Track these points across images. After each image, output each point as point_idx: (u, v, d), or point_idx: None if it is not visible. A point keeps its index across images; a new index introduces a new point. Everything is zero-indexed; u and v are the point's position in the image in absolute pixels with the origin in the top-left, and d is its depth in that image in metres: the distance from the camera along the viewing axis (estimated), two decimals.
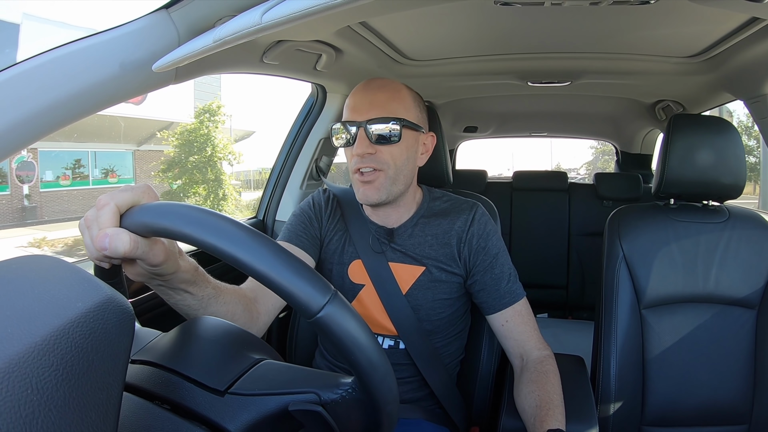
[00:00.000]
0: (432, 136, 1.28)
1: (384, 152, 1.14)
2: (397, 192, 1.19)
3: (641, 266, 1.44)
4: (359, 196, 1.19)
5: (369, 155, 1.13)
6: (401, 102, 1.17)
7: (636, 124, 3.16)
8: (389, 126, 1.13)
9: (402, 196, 1.23)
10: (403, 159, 1.17)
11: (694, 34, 1.48)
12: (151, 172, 16.83)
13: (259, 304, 1.04)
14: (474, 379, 1.36)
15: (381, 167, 1.14)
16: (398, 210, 1.26)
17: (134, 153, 17.45)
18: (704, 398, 1.40)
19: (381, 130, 1.13)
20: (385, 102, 1.15)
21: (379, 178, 1.15)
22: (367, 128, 1.13)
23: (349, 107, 1.18)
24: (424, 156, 1.25)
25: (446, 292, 1.22)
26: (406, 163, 1.18)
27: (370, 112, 1.13)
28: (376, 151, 1.14)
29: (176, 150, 14.83)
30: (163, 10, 0.95)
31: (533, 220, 3.25)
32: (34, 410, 0.35)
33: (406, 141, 1.16)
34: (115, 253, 0.58)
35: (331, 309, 0.50)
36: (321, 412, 0.55)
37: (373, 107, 1.14)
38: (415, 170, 1.24)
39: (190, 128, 14.81)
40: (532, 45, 1.68)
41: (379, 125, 1.13)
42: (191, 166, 14.70)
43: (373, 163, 1.14)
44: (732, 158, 1.39)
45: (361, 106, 1.15)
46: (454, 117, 3.23)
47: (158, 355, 0.62)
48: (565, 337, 2.68)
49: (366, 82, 1.20)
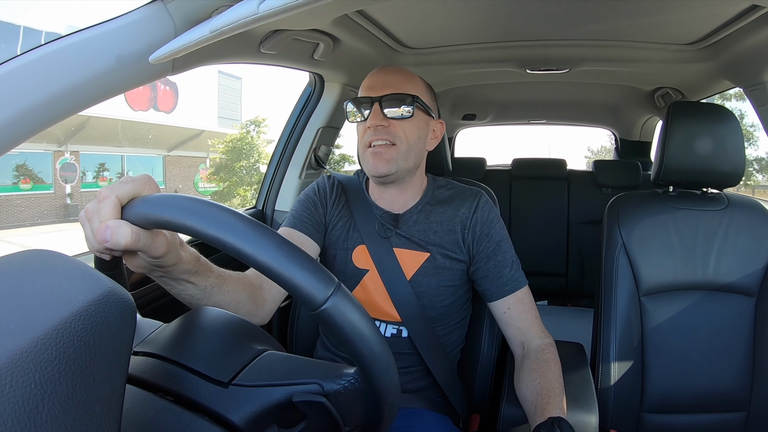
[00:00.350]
0: (441, 124, 1.29)
1: (397, 126, 1.16)
2: (406, 168, 1.20)
3: (640, 254, 1.44)
4: (369, 168, 1.19)
5: (382, 127, 1.15)
6: (415, 85, 1.20)
7: (635, 111, 3.15)
8: (403, 103, 1.16)
9: (410, 177, 1.24)
10: (415, 137, 1.19)
11: (694, 21, 1.47)
12: (180, 175, 19.23)
13: (264, 291, 1.05)
14: (474, 367, 1.37)
15: (393, 140, 1.16)
16: (404, 193, 1.26)
17: (165, 158, 19.04)
18: (703, 385, 1.41)
19: (395, 105, 1.16)
20: (399, 82, 1.18)
21: (390, 151, 1.16)
22: (381, 103, 1.15)
23: (364, 87, 1.21)
24: (433, 141, 1.27)
25: (450, 278, 1.23)
26: (417, 142, 1.20)
27: (385, 89, 1.17)
28: (390, 124, 1.16)
29: (225, 156, 16.73)
30: (160, 1, 0.95)
31: (532, 208, 3.24)
32: (38, 404, 0.35)
33: (417, 121, 1.19)
34: (117, 245, 0.58)
35: (335, 301, 0.50)
36: (324, 403, 0.55)
37: (387, 86, 1.17)
38: (424, 153, 1.26)
39: (237, 138, 16.45)
40: (531, 32, 1.67)
41: (393, 101, 1.16)
42: (238, 169, 16.43)
43: (386, 135, 1.16)
44: (731, 146, 1.38)
45: (377, 84, 1.19)
46: (452, 105, 3.22)
47: (160, 346, 0.62)
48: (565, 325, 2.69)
49: (381, 67, 1.24)
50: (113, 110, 14.65)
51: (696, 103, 1.51)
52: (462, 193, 1.28)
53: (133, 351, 0.57)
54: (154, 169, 18.43)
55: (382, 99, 1.15)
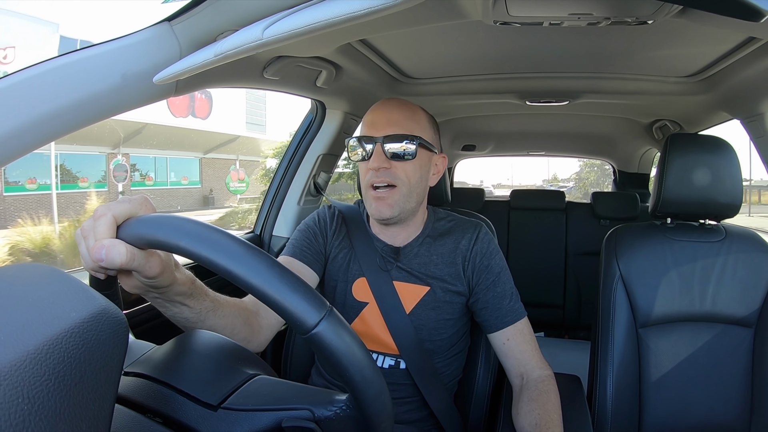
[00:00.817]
0: (444, 158, 1.30)
1: (399, 168, 1.16)
2: (409, 209, 1.20)
3: (638, 285, 1.44)
4: (372, 212, 1.19)
5: (384, 170, 1.15)
6: (418, 122, 1.19)
7: (633, 143, 3.18)
8: (405, 143, 1.15)
9: (413, 215, 1.24)
10: (417, 177, 1.19)
11: (692, 54, 1.50)
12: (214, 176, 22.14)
13: (261, 317, 1.04)
14: (470, 398, 1.35)
15: (395, 182, 1.16)
16: (407, 229, 1.27)
17: (201, 160, 22.07)
18: (701, 418, 1.39)
19: (397, 146, 1.15)
20: (402, 120, 1.17)
21: (393, 194, 1.16)
22: (383, 144, 1.15)
23: (366, 123, 1.20)
24: (435, 177, 1.27)
25: (449, 312, 1.22)
26: (420, 181, 1.20)
27: (387, 129, 1.16)
28: (392, 166, 1.15)
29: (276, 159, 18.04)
30: (166, 22, 0.96)
31: (530, 239, 3.25)
32: (25, 419, 0.35)
33: (420, 159, 1.18)
34: (111, 264, 0.58)
35: (326, 325, 0.50)
36: (314, 429, 0.54)
37: (390, 124, 1.16)
38: (426, 190, 1.26)
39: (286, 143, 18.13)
40: (531, 64, 1.70)
41: (395, 142, 1.15)
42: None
43: (388, 178, 1.15)
44: (728, 177, 1.39)
45: (379, 122, 1.17)
46: (452, 135, 3.26)
47: (151, 367, 0.61)
48: (562, 357, 2.67)
49: (384, 101, 1.23)
50: (159, 117, 16.88)
51: (694, 135, 1.52)
52: (462, 225, 1.29)
53: (123, 371, 0.56)
54: (191, 170, 21.73)
55: (384, 139, 1.15)
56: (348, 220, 1.32)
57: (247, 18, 0.88)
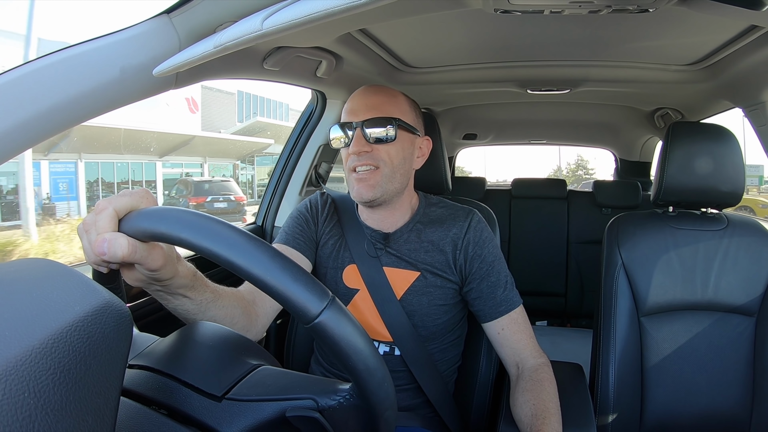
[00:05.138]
0: (428, 140, 1.29)
1: (380, 150, 1.16)
2: (392, 191, 1.19)
3: (640, 274, 1.44)
4: (354, 194, 1.19)
5: (365, 153, 1.15)
6: (397, 105, 1.20)
7: (635, 131, 3.17)
8: (385, 126, 1.15)
9: (397, 198, 1.23)
10: (400, 158, 1.18)
11: (693, 42, 1.49)
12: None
13: (257, 306, 1.04)
14: (472, 386, 1.35)
15: (377, 164, 1.16)
16: (393, 214, 1.26)
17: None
18: (703, 406, 1.40)
19: (377, 130, 1.15)
20: (380, 104, 1.18)
21: (375, 175, 1.16)
22: (363, 128, 1.15)
23: (346, 110, 1.21)
24: (420, 159, 1.27)
25: (442, 298, 1.22)
26: (402, 163, 1.19)
27: (366, 113, 1.16)
28: (372, 149, 1.16)
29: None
30: (164, 15, 0.96)
31: (532, 228, 3.25)
32: (31, 413, 0.35)
33: (401, 141, 1.18)
34: (114, 257, 0.58)
35: (329, 314, 0.50)
36: (318, 419, 0.55)
37: (369, 109, 1.17)
38: (411, 172, 1.26)
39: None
40: (532, 53, 1.68)
41: (375, 125, 1.15)
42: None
43: (369, 160, 1.16)
44: (730, 166, 1.39)
45: (358, 108, 1.18)
46: (453, 124, 3.24)
47: (155, 360, 0.62)
48: (564, 345, 2.68)
49: (363, 88, 1.23)
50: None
51: (695, 124, 1.51)
52: (454, 213, 1.28)
53: (128, 364, 0.57)
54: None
55: (363, 123, 1.15)
56: (340, 207, 1.32)
57: (247, 9, 0.88)
